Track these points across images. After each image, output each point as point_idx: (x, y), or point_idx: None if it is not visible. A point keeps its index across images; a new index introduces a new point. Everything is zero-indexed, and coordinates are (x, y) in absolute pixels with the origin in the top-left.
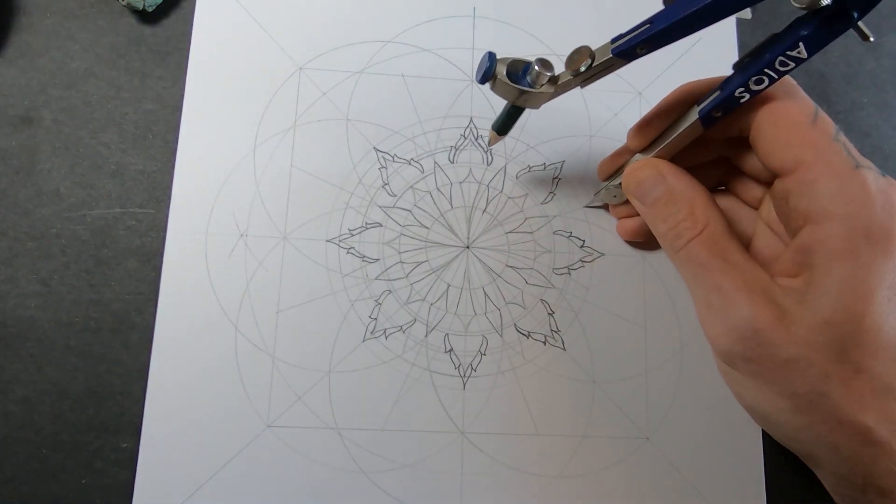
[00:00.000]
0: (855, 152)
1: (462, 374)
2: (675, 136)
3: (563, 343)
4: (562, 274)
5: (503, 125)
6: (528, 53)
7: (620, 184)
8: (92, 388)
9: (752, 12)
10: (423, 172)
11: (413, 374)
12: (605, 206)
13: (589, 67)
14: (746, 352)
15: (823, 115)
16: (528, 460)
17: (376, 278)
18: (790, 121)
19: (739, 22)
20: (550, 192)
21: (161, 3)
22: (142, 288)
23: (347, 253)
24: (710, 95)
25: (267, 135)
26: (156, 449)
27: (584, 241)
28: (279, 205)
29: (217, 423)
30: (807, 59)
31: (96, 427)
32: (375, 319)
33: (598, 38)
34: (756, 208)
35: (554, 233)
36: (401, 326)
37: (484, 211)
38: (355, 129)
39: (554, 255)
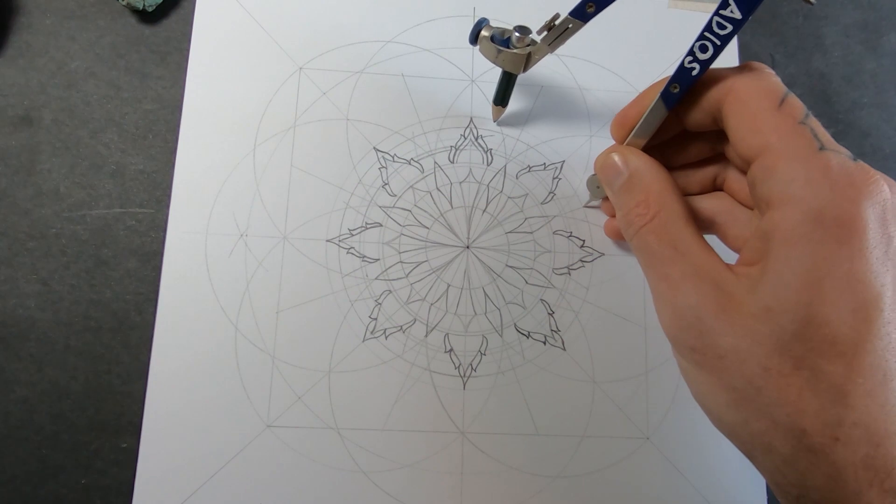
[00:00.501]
0: (824, 135)
1: (462, 374)
2: (641, 120)
3: (563, 343)
4: (562, 274)
5: (499, 94)
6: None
7: None
8: (92, 388)
9: None
10: (423, 172)
11: (413, 374)
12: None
13: (554, 26)
14: (689, 340)
15: (793, 98)
16: (528, 460)
17: (376, 278)
18: (755, 105)
19: None
20: (550, 192)
21: (161, 3)
22: (142, 288)
23: (347, 253)
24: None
25: (267, 135)
26: (156, 449)
27: (584, 241)
28: (279, 205)
29: (217, 423)
30: (742, 18)
31: (96, 427)
32: (375, 319)
33: (597, 36)
34: (752, 208)
35: (554, 233)
36: (401, 326)
37: (484, 211)
38: (355, 129)
39: (554, 255)
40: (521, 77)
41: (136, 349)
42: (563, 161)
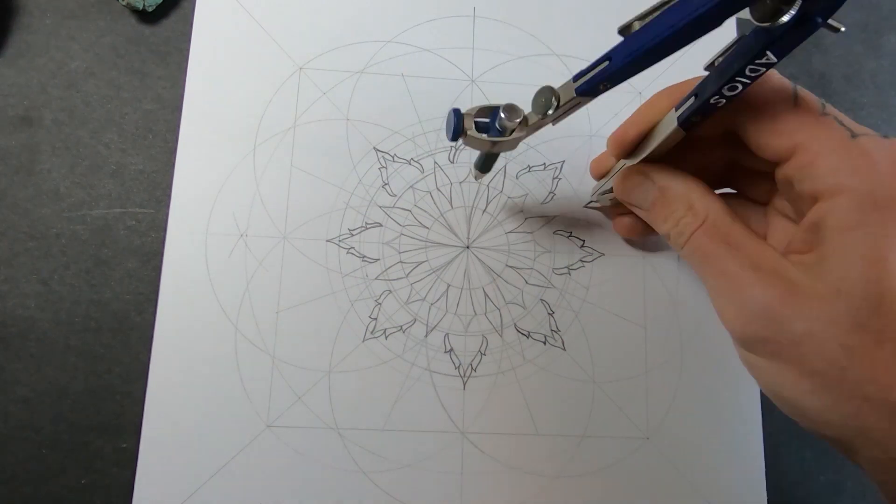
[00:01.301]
0: (848, 121)
1: (462, 374)
2: (656, 144)
3: (563, 343)
4: (562, 274)
5: (483, 165)
6: (528, 53)
7: (612, 188)
8: (92, 388)
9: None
10: (423, 172)
11: (413, 374)
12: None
13: (555, 108)
14: (760, 331)
15: (804, 91)
16: (528, 460)
17: (376, 278)
18: (772, 108)
19: (739, 22)
20: (550, 192)
21: (161, 3)
22: (142, 288)
23: (347, 253)
24: (686, 101)
25: (267, 135)
26: (156, 449)
27: (584, 241)
28: (279, 205)
29: (217, 423)
30: (777, 62)
31: (96, 427)
32: (375, 319)
33: (597, 37)
34: (765, 204)
35: (554, 233)
36: (401, 326)
37: (484, 211)
38: (355, 129)
39: (554, 255)
40: (520, 78)
41: (136, 349)
42: (563, 161)
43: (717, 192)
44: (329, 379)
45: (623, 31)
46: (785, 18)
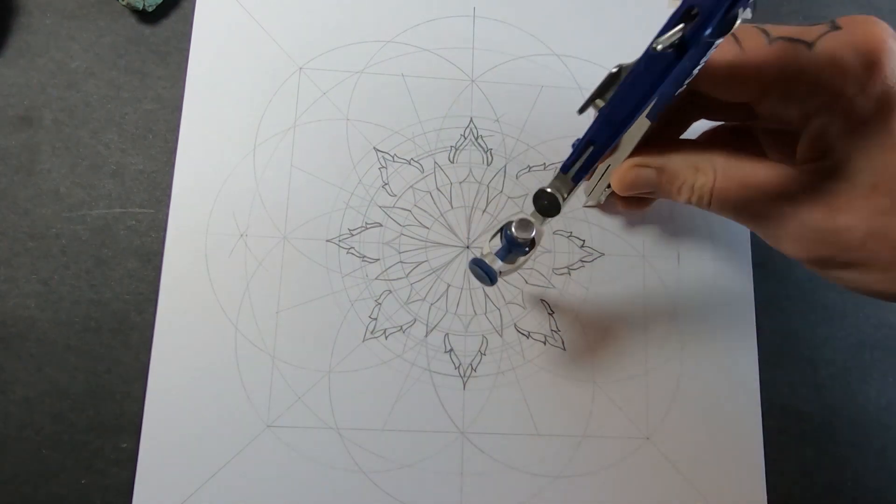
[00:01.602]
0: (776, 29)
1: (462, 374)
2: (635, 144)
3: (563, 343)
4: (562, 274)
5: (509, 258)
6: (528, 53)
7: (607, 186)
8: (92, 388)
9: (753, 12)
10: (423, 172)
11: (413, 374)
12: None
13: (564, 203)
14: (824, 253)
15: (742, 30)
16: (528, 460)
17: (376, 278)
18: (725, 65)
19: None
20: None
21: (161, 3)
22: (142, 288)
23: (347, 253)
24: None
25: (267, 135)
26: (156, 449)
27: (584, 241)
28: (279, 205)
29: (217, 423)
30: (715, 42)
31: (96, 427)
32: (375, 319)
33: (597, 37)
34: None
35: (554, 233)
36: (401, 326)
37: (484, 211)
38: (355, 129)
39: (554, 255)
40: (520, 78)
41: (136, 349)
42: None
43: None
44: (329, 379)
45: (583, 110)
46: (659, 47)
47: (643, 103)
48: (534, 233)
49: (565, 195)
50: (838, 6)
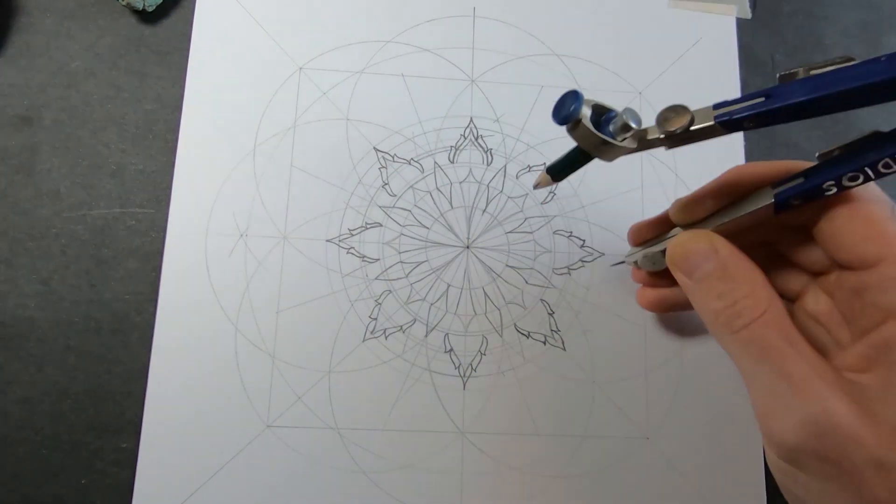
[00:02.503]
0: None
1: (462, 374)
2: (740, 215)
3: (563, 343)
4: (562, 274)
5: (562, 171)
6: (528, 53)
7: (661, 251)
8: (92, 388)
9: (752, 12)
10: (423, 172)
11: (413, 374)
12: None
13: (685, 130)
14: (820, 449)
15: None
16: (528, 460)
17: (376, 278)
18: (870, 214)
19: (739, 22)
20: (550, 192)
21: (161, 3)
22: (142, 288)
23: (347, 253)
24: (791, 181)
25: (267, 135)
26: (156, 449)
27: (584, 241)
28: (279, 205)
29: (217, 423)
30: None
31: (96, 427)
32: (375, 319)
33: (597, 37)
34: (792, 300)
35: (554, 233)
36: (401, 326)
37: (484, 211)
38: (355, 129)
39: (554, 255)
40: (520, 78)
41: (136, 349)
42: None
43: None
44: (329, 379)
45: (785, 77)
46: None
47: (839, 97)
48: (636, 126)
49: (693, 126)
50: (838, 6)
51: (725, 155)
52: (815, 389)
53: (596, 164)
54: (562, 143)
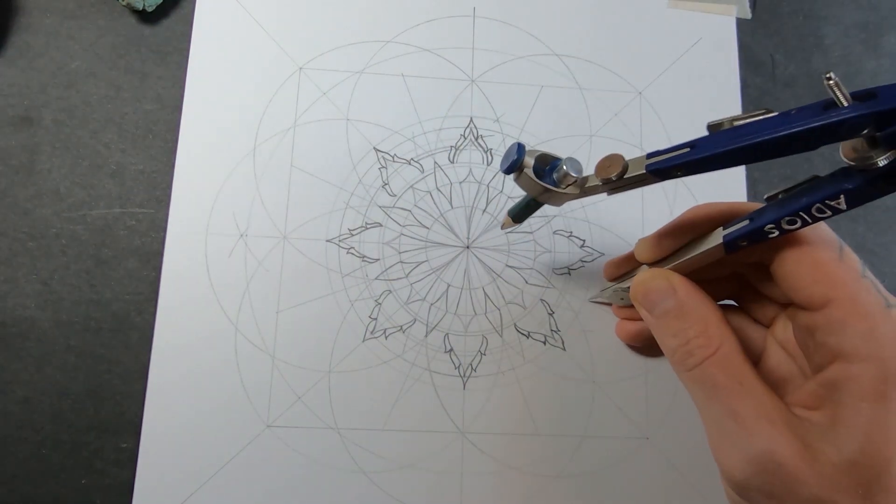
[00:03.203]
0: (883, 290)
1: (462, 374)
2: (693, 255)
3: (563, 343)
4: (562, 274)
5: (520, 214)
6: (528, 53)
7: (628, 288)
8: (92, 388)
9: (752, 12)
10: (423, 172)
11: (413, 374)
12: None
13: (619, 178)
14: (765, 486)
15: (848, 249)
16: (528, 460)
17: (376, 278)
18: (817, 256)
19: (739, 22)
20: None
21: (161, 3)
22: (142, 288)
23: (347, 253)
24: (738, 223)
25: (267, 135)
26: (156, 449)
27: (584, 241)
28: (279, 205)
29: (217, 423)
30: (846, 210)
31: (96, 427)
32: (375, 319)
33: (597, 37)
34: (767, 326)
35: (554, 233)
36: (401, 326)
37: (484, 211)
38: (355, 129)
39: (554, 255)
40: (520, 78)
41: (136, 349)
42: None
43: (720, 302)
44: (329, 379)
45: (713, 127)
46: (881, 163)
47: (764, 147)
48: (575, 176)
49: (627, 174)
50: (838, 6)
51: None
52: (761, 428)
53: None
54: (562, 142)
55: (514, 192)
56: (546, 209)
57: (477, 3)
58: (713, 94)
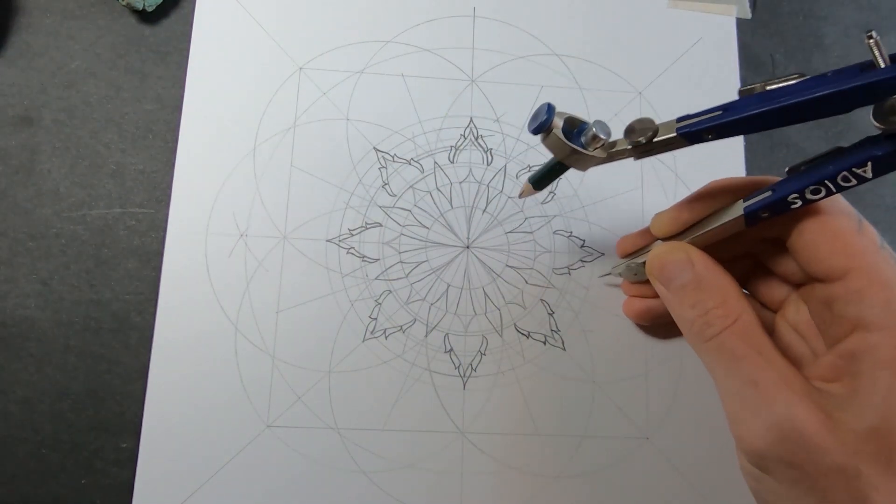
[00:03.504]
0: None
1: (462, 374)
2: (712, 227)
3: (563, 343)
4: (562, 274)
5: (542, 180)
6: (528, 53)
7: (643, 263)
8: (92, 388)
9: (752, 12)
10: (423, 172)
11: (413, 374)
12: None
13: (649, 141)
14: (787, 455)
15: (866, 222)
16: (528, 460)
17: (376, 278)
18: (837, 228)
19: (739, 22)
20: (550, 192)
21: (161, 3)
22: (142, 288)
23: (347, 253)
24: (760, 195)
25: (267, 135)
26: (156, 449)
27: (584, 241)
28: (279, 205)
29: (217, 423)
30: (871, 178)
31: (96, 427)
32: (375, 319)
33: (597, 37)
34: (774, 310)
35: (554, 233)
36: (401, 326)
37: (484, 211)
38: (355, 129)
39: (554, 255)
40: (520, 78)
41: (136, 349)
42: None
43: None
44: (329, 379)
45: (745, 91)
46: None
47: (796, 110)
48: (603, 139)
49: (657, 138)
50: (837, 6)
51: (725, 156)
52: (782, 396)
53: (597, 165)
54: None
55: (513, 192)
56: (546, 209)
57: (477, 3)
58: (713, 94)
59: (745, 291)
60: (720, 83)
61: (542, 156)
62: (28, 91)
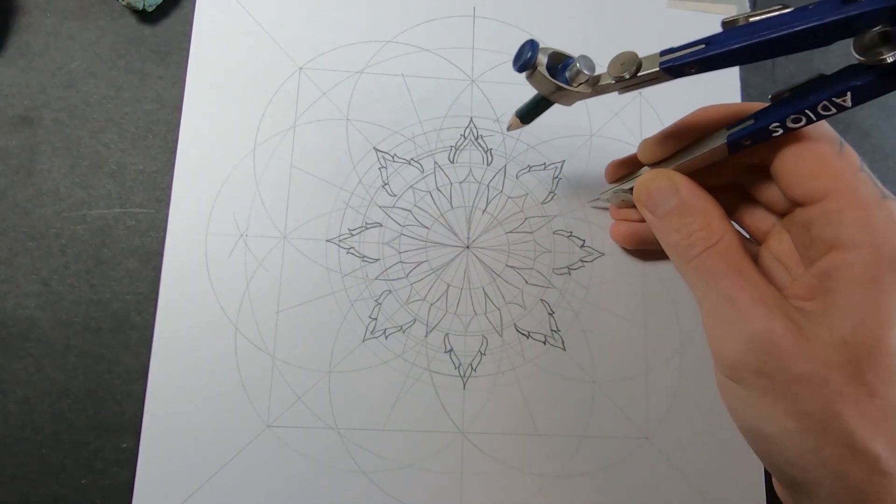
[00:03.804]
0: (880, 184)
1: (462, 374)
2: (696, 155)
3: (563, 343)
4: (562, 274)
5: (528, 114)
6: None
7: (630, 189)
8: (92, 388)
9: (752, 5)
10: (423, 172)
11: (413, 374)
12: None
13: (633, 76)
14: (758, 364)
15: (847, 145)
16: (528, 460)
17: (376, 278)
18: (817, 151)
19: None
20: (550, 192)
21: (161, 3)
22: (142, 288)
23: (347, 253)
24: (743, 123)
25: (267, 135)
26: (156, 449)
27: (584, 241)
28: (279, 205)
29: (217, 423)
30: (850, 108)
31: (96, 427)
32: (375, 319)
33: (597, 37)
34: (760, 242)
35: (554, 233)
36: (401, 326)
37: (484, 211)
38: (355, 129)
39: (554, 255)
40: (521, 78)
41: (136, 349)
42: (564, 161)
43: None
44: (329, 379)
45: (727, 24)
46: (890, 59)
47: (777, 42)
48: (589, 73)
49: (640, 72)
50: None
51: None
52: (757, 311)
53: (597, 165)
54: (562, 142)
55: (513, 192)
56: (546, 209)
57: (477, 3)
58: (713, 93)
59: (732, 223)
60: (720, 83)
61: (541, 156)
62: (28, 91)
